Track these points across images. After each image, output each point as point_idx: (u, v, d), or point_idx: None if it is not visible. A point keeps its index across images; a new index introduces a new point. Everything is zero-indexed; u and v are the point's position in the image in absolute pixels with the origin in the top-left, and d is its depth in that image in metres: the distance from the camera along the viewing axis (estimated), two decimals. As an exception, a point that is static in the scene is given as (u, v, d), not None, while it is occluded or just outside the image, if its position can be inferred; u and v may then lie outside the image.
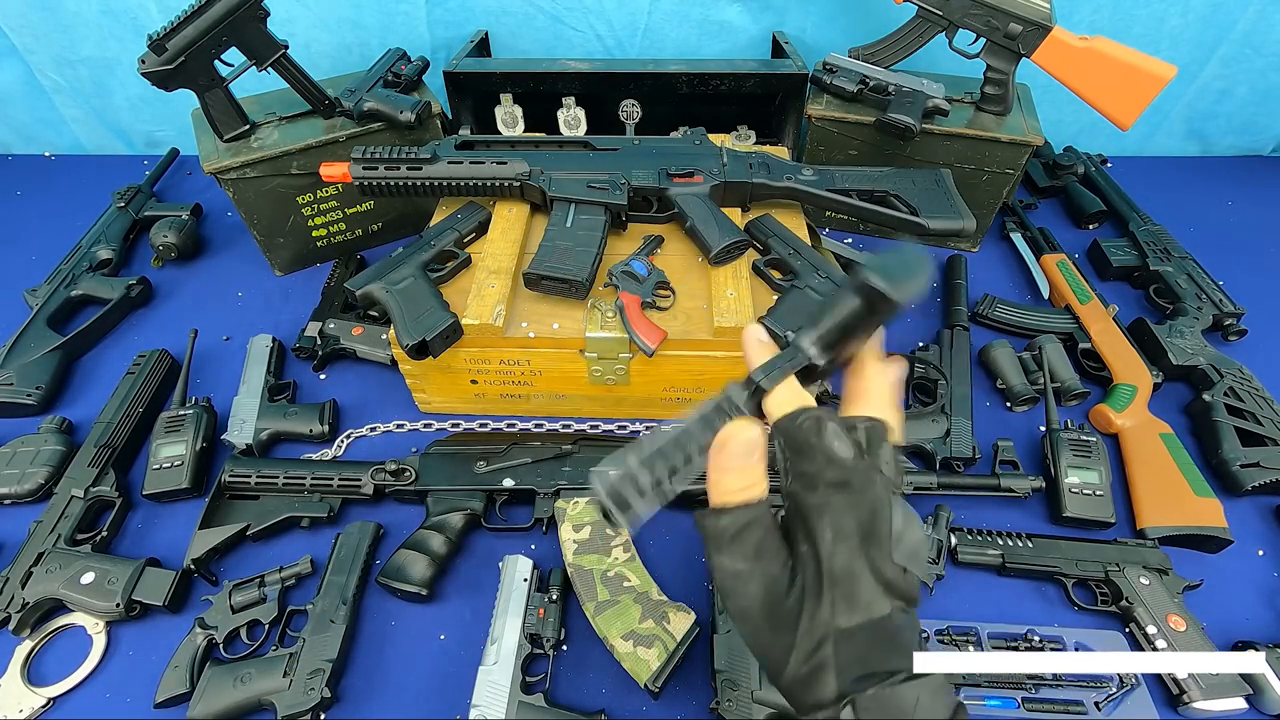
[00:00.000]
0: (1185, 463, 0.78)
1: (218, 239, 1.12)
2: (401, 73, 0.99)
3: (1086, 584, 0.71)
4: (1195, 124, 1.27)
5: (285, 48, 0.89)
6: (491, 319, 0.74)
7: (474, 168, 0.84)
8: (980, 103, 0.98)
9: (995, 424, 0.87)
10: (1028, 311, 0.97)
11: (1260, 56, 1.14)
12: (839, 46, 1.04)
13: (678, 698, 0.64)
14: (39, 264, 1.03)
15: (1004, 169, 0.98)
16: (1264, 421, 0.81)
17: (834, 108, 0.99)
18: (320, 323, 0.92)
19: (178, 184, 1.24)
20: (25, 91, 1.20)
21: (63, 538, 0.71)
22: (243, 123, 0.92)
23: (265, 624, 0.67)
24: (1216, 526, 0.72)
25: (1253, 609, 0.71)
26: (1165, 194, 1.18)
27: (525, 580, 0.68)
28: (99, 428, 0.81)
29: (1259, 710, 0.63)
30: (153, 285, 1.03)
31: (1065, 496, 0.75)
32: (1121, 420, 0.83)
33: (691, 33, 1.14)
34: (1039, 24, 0.89)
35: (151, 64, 0.82)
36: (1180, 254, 1.03)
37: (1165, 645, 0.65)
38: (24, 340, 0.90)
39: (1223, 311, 0.94)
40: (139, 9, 1.07)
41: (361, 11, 1.09)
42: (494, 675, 0.62)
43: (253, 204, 0.95)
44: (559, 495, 0.75)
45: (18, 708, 0.63)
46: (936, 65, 1.03)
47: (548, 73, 1.04)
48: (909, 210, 0.83)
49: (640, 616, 0.65)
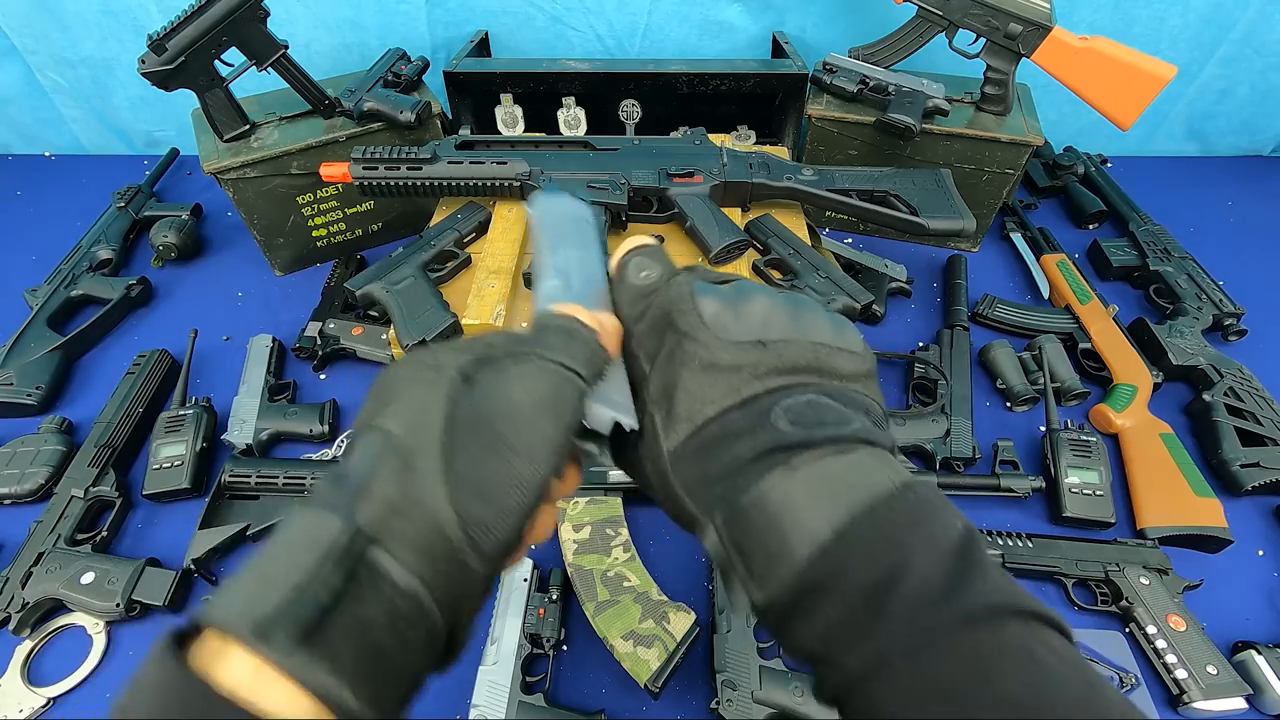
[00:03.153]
0: (1185, 463, 0.78)
1: (218, 239, 1.12)
2: (401, 73, 0.99)
3: (1086, 584, 0.71)
4: (1195, 124, 1.27)
5: (285, 48, 0.89)
6: (491, 319, 0.74)
7: (474, 168, 0.84)
8: (980, 103, 0.98)
9: (995, 424, 0.87)
10: (1028, 311, 0.97)
11: (1260, 56, 1.14)
12: (839, 46, 1.04)
13: (678, 698, 0.64)
14: (39, 264, 1.03)
15: (1004, 169, 0.98)
16: (1264, 421, 0.81)
17: (834, 108, 0.99)
18: (320, 323, 0.92)
19: (178, 184, 1.24)
20: (25, 91, 1.19)
21: (63, 538, 0.71)
22: (243, 123, 0.92)
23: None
24: (1216, 526, 0.72)
25: (1253, 609, 0.71)
26: (1165, 194, 1.18)
27: (525, 580, 0.68)
28: (99, 428, 0.81)
29: (1259, 710, 0.63)
30: (153, 285, 1.03)
31: (1065, 496, 0.75)
32: (1121, 420, 0.83)
33: (691, 33, 1.14)
34: (1039, 24, 0.89)
35: (151, 64, 0.82)
36: (1180, 254, 1.03)
37: (1165, 645, 0.65)
38: (24, 340, 0.90)
39: (1223, 311, 0.94)
40: (139, 9, 1.07)
41: (361, 11, 1.09)
42: (494, 675, 0.62)
43: (253, 204, 0.95)
44: (559, 495, 0.75)
45: (18, 708, 0.63)
46: (936, 65, 1.03)
47: (548, 73, 1.04)
48: (909, 210, 0.83)
49: (640, 616, 0.65)
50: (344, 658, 0.20)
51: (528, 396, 0.26)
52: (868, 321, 0.94)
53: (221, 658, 0.20)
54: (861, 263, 0.99)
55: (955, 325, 0.93)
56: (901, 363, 0.93)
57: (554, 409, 0.26)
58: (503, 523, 0.24)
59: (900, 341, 0.95)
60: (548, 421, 0.26)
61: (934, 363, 0.88)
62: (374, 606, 0.21)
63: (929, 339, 0.94)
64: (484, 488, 0.24)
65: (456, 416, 0.25)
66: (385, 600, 0.22)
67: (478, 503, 0.24)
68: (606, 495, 0.75)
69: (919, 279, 1.03)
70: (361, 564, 0.21)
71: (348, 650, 0.20)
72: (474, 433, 0.25)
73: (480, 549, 0.24)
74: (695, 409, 0.27)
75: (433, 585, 0.23)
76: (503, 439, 0.25)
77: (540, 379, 0.27)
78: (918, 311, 1.01)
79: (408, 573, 0.22)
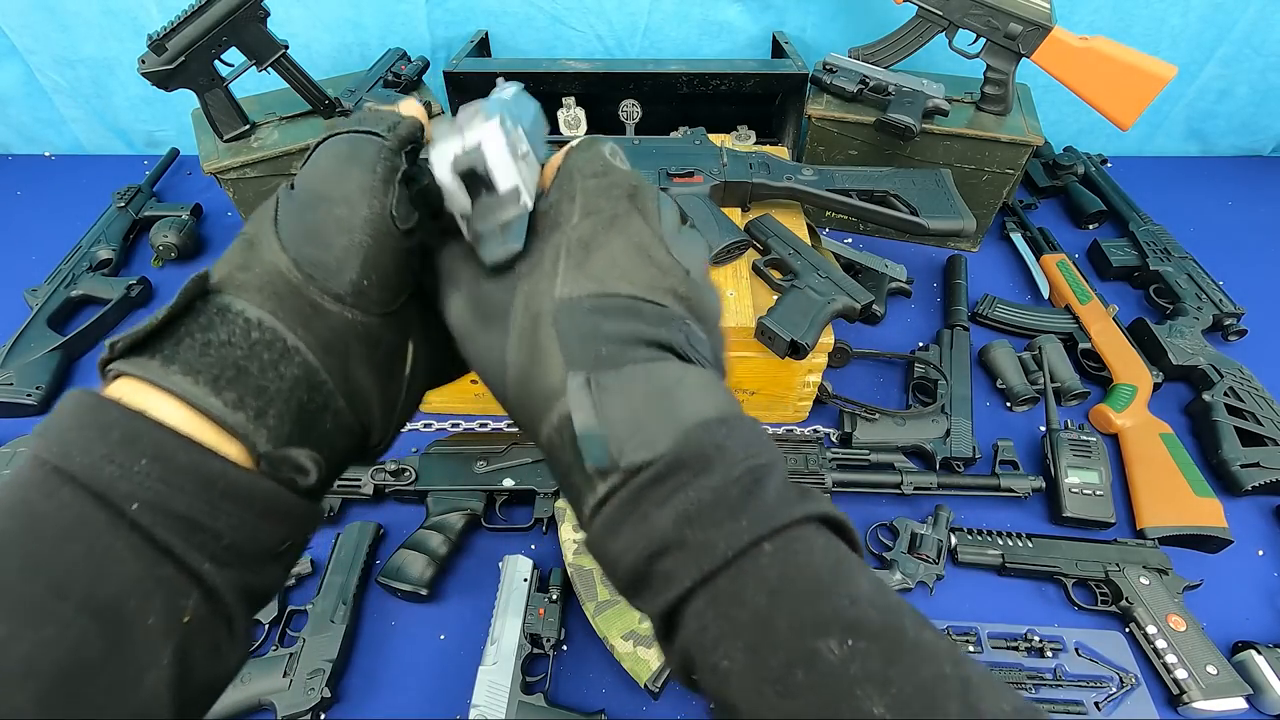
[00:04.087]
0: (1185, 463, 0.78)
1: (218, 239, 1.12)
2: (401, 73, 0.99)
3: (1086, 584, 0.71)
4: (1195, 124, 1.27)
5: (285, 48, 0.89)
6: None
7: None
8: (980, 103, 0.98)
9: (995, 424, 0.87)
10: (1028, 311, 0.97)
11: (1260, 56, 1.14)
12: (839, 46, 1.04)
13: (678, 698, 0.64)
14: (39, 264, 1.03)
15: (1004, 169, 0.98)
16: (1264, 421, 0.81)
17: (834, 108, 0.99)
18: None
19: (178, 184, 1.24)
20: (25, 91, 1.19)
21: (63, 538, 0.71)
22: (243, 123, 0.92)
23: (265, 624, 0.67)
24: (1216, 526, 0.72)
25: (1253, 609, 0.71)
26: (1165, 194, 1.18)
27: (525, 580, 0.68)
28: (99, 428, 0.81)
29: (1259, 710, 0.63)
30: (153, 285, 1.03)
31: (1065, 496, 0.75)
32: (1121, 420, 0.83)
33: (691, 33, 1.14)
34: (1039, 24, 0.89)
35: (151, 64, 0.82)
36: (1180, 254, 1.03)
37: (1165, 645, 0.65)
38: (24, 340, 0.90)
39: (1223, 311, 0.94)
40: (139, 9, 1.07)
41: (361, 11, 1.09)
42: (494, 675, 0.62)
43: (253, 204, 0.95)
44: (559, 495, 0.75)
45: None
46: (936, 65, 1.03)
47: (548, 73, 1.04)
48: (909, 210, 0.83)
49: (640, 616, 0.65)
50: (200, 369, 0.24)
51: (328, 157, 0.29)
52: (868, 321, 0.94)
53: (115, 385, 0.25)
54: (861, 263, 0.99)
55: (955, 325, 0.94)
56: (901, 363, 0.93)
57: (354, 159, 0.29)
58: (341, 262, 0.27)
59: (900, 341, 0.95)
60: (354, 169, 0.29)
61: (934, 363, 0.88)
62: (224, 332, 0.25)
63: (929, 339, 0.94)
64: (310, 233, 0.27)
65: (281, 198, 0.29)
66: (238, 329, 0.25)
67: (308, 246, 0.27)
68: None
69: (919, 279, 1.03)
70: (209, 304, 0.26)
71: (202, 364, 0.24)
72: (295, 200, 0.29)
73: (326, 287, 0.27)
74: (612, 277, 0.27)
75: (288, 322, 0.26)
76: (318, 195, 0.28)
77: (336, 143, 0.30)
78: (918, 311, 1.01)
79: (254, 307, 0.26)
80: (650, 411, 0.24)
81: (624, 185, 0.30)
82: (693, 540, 0.23)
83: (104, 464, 0.22)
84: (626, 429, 0.24)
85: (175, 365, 0.24)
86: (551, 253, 0.28)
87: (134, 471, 0.22)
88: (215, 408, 0.24)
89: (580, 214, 0.29)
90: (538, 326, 0.27)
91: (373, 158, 0.29)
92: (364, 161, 0.29)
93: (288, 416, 0.26)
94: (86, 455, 0.22)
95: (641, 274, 0.27)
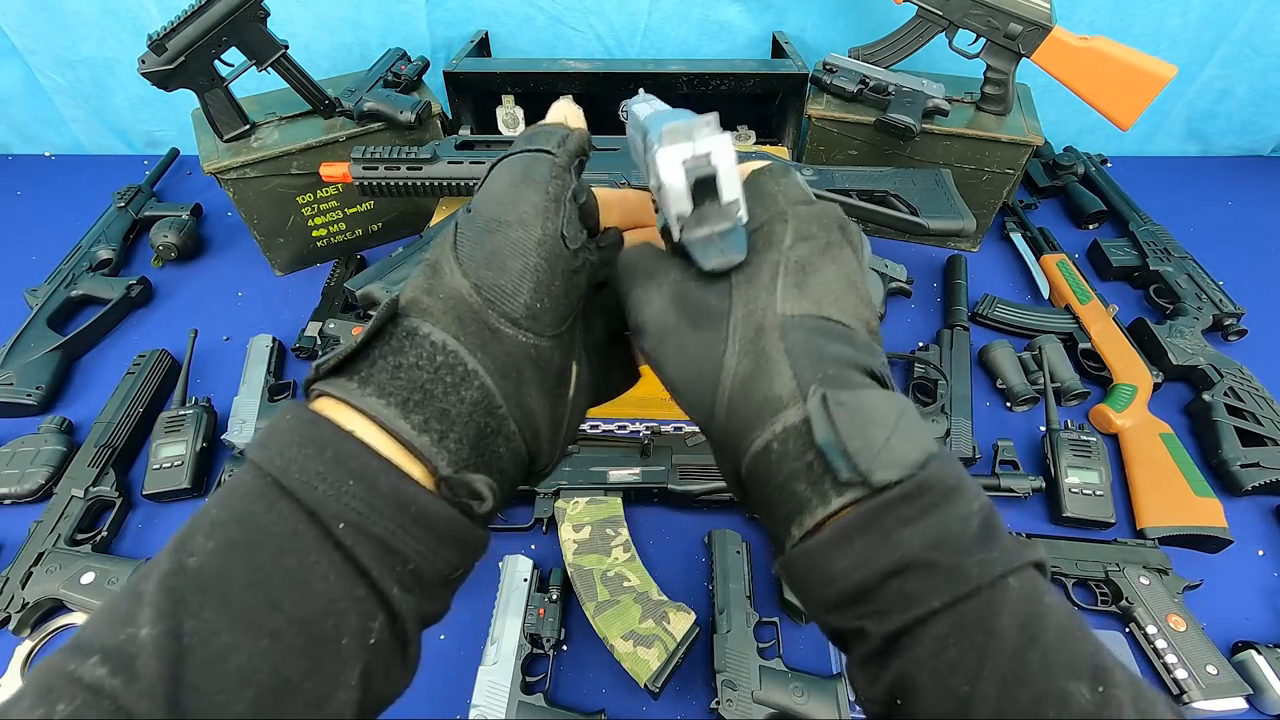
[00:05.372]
0: (1185, 463, 0.78)
1: (218, 239, 1.12)
2: (401, 73, 0.99)
3: (1086, 584, 0.71)
4: (1195, 124, 1.27)
5: (285, 48, 0.89)
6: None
7: (474, 168, 0.84)
8: (980, 103, 0.98)
9: (995, 424, 0.87)
10: (1028, 311, 0.97)
11: (1260, 56, 1.14)
12: (839, 46, 1.04)
13: (678, 698, 0.64)
14: (39, 264, 1.03)
15: (1004, 169, 0.98)
16: (1264, 421, 0.81)
17: (834, 108, 0.99)
18: (320, 323, 0.92)
19: (178, 184, 1.24)
20: (25, 91, 1.19)
21: (63, 538, 0.71)
22: (243, 123, 0.92)
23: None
24: (1216, 526, 0.72)
25: (1253, 609, 0.71)
26: (1165, 194, 1.18)
27: (525, 580, 0.68)
28: (99, 428, 0.81)
29: (1259, 710, 0.63)
30: (153, 285, 1.03)
31: (1065, 496, 0.75)
32: (1121, 420, 0.83)
33: (691, 33, 1.14)
34: (1039, 24, 0.89)
35: (151, 64, 0.82)
36: (1180, 254, 1.03)
37: (1165, 645, 0.65)
38: (24, 340, 0.90)
39: (1223, 311, 0.94)
40: (139, 9, 1.07)
41: (361, 11, 1.09)
42: (494, 675, 0.62)
43: (253, 204, 0.95)
44: (559, 495, 0.75)
45: (18, 708, 0.63)
46: (936, 65, 1.03)
47: (548, 73, 1.04)
48: (909, 210, 0.83)
49: (640, 616, 0.65)
50: (391, 392, 0.25)
51: (504, 180, 0.30)
52: (868, 321, 0.94)
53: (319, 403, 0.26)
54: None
55: (955, 325, 0.94)
56: (901, 363, 0.93)
57: (527, 180, 0.29)
58: (517, 285, 0.28)
59: (900, 341, 0.95)
60: (527, 190, 0.29)
61: (934, 363, 0.88)
62: (413, 355, 0.26)
63: (929, 339, 0.94)
64: (488, 258, 0.28)
65: (460, 223, 0.29)
66: (425, 352, 0.26)
67: (485, 270, 0.28)
68: (606, 495, 0.75)
69: (919, 279, 1.03)
70: (399, 327, 0.27)
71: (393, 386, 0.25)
72: (473, 224, 0.29)
73: (503, 310, 0.27)
74: (827, 301, 0.28)
75: (469, 345, 0.27)
76: (494, 219, 0.29)
77: (510, 164, 0.30)
78: (918, 311, 1.01)
79: (439, 330, 0.27)
80: (893, 434, 0.24)
81: (834, 217, 0.30)
82: (943, 563, 0.23)
83: (317, 482, 0.23)
84: (871, 447, 0.24)
85: (370, 387, 0.25)
86: (769, 269, 0.28)
87: (342, 491, 0.23)
88: (404, 430, 0.24)
89: (794, 237, 0.29)
90: (761, 336, 0.27)
91: (545, 177, 0.29)
92: (536, 182, 0.29)
93: (466, 440, 0.26)
94: (303, 472, 0.23)
95: (850, 303, 0.28)
